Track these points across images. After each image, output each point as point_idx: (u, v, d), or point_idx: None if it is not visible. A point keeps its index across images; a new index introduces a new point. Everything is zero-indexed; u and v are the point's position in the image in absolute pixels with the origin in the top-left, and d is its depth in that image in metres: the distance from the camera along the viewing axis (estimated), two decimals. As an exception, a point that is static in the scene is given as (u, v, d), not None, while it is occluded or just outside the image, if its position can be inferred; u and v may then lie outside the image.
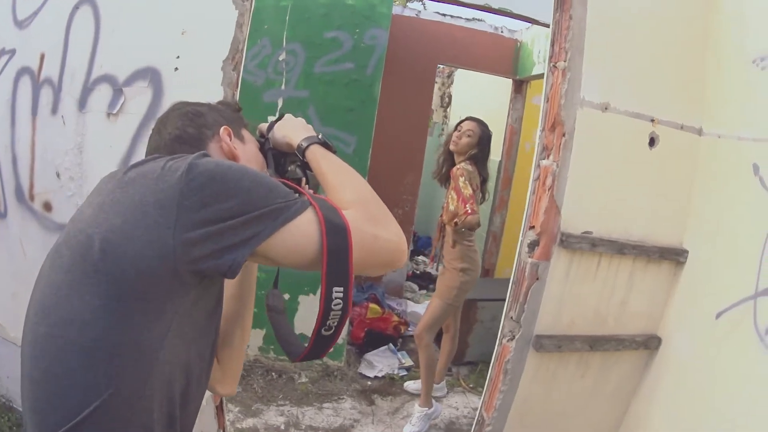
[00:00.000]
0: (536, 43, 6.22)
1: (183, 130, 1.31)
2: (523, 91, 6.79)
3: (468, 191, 3.94)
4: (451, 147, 4.23)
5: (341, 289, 1.07)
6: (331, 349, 1.23)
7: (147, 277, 1.01)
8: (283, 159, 1.48)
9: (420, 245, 8.87)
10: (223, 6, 2.51)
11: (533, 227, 2.68)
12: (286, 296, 4.62)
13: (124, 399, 1.04)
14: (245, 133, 1.45)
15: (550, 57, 2.69)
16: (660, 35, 2.78)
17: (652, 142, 2.79)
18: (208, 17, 2.54)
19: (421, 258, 8.56)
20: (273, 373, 4.66)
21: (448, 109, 10.00)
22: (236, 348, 1.54)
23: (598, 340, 2.85)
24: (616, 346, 2.90)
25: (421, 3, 6.94)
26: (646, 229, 2.86)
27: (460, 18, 6.47)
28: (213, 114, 1.38)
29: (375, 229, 1.12)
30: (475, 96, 8.43)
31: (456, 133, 4.22)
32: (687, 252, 2.91)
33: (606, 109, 2.67)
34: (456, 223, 4.00)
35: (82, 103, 2.62)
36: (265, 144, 1.49)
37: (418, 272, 7.96)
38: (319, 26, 4.42)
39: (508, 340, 2.76)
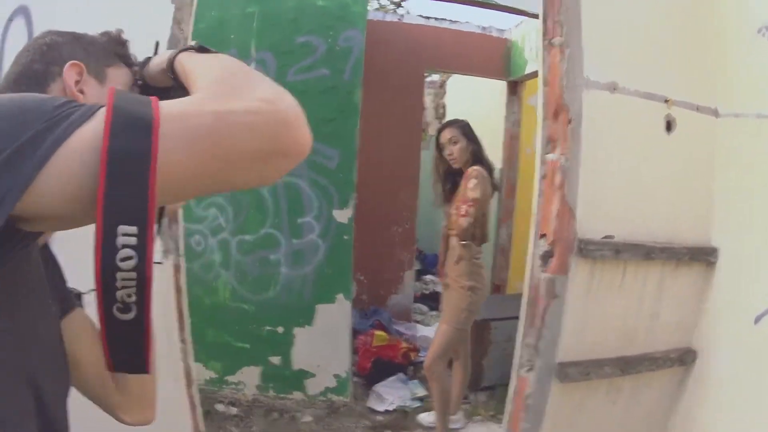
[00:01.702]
0: (527, 40, 5.97)
1: (29, 66, 1.03)
2: (519, 92, 6.51)
3: (474, 194, 3.67)
4: (455, 165, 3.91)
5: (132, 229, 0.61)
6: (151, 351, 0.74)
7: None
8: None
9: (428, 264, 8.48)
10: (159, 2, 2.22)
11: (544, 235, 2.32)
12: (279, 329, 4.30)
13: None
14: (113, 72, 1.11)
15: (544, 34, 2.36)
16: (663, 3, 2.48)
17: (668, 126, 2.46)
18: (145, 17, 2.22)
19: (429, 277, 8.19)
20: (274, 413, 4.29)
21: (443, 120, 9.66)
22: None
23: (630, 362, 2.49)
24: (650, 366, 2.54)
25: (402, 7, 6.60)
26: (672, 227, 2.53)
27: (445, 20, 6.19)
28: (72, 46, 1.07)
29: (222, 104, 0.69)
30: (469, 104, 8.14)
31: (445, 152, 3.92)
32: (717, 250, 2.57)
33: (614, 89, 2.34)
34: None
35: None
36: (142, 86, 1.16)
37: (427, 293, 7.63)
38: (289, 32, 4.11)
39: (526, 371, 2.37)
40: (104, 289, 0.63)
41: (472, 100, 8.08)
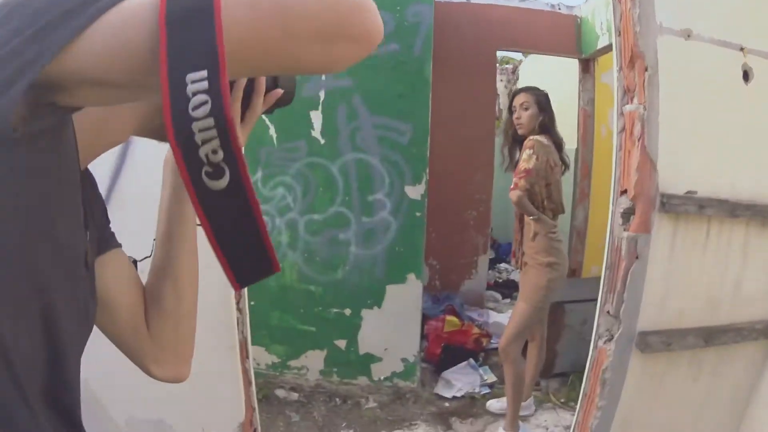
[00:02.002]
0: (597, 14, 5.81)
1: None
2: (591, 69, 6.29)
3: (527, 164, 3.53)
4: (520, 131, 3.80)
5: (202, 74, 0.55)
6: (267, 233, 0.63)
7: None
8: None
9: (501, 253, 8.41)
10: None
11: (625, 191, 2.18)
12: (347, 311, 4.22)
13: None
14: None
15: None
16: None
17: (746, 75, 2.28)
18: None
19: (503, 266, 8.11)
20: (337, 399, 4.24)
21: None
22: (169, 311, 1.06)
23: (714, 332, 2.30)
24: (734, 338, 2.35)
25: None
26: (756, 183, 2.33)
27: (513, -1, 6.08)
28: None
29: None
30: (542, 87, 7.94)
31: (514, 116, 3.82)
32: None
33: (689, 36, 2.18)
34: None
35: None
36: None
37: (500, 281, 7.52)
38: None
39: (605, 342, 2.23)
40: (184, 150, 0.56)
41: (545, 83, 7.89)
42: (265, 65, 0.67)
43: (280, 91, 1.00)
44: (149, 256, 0.98)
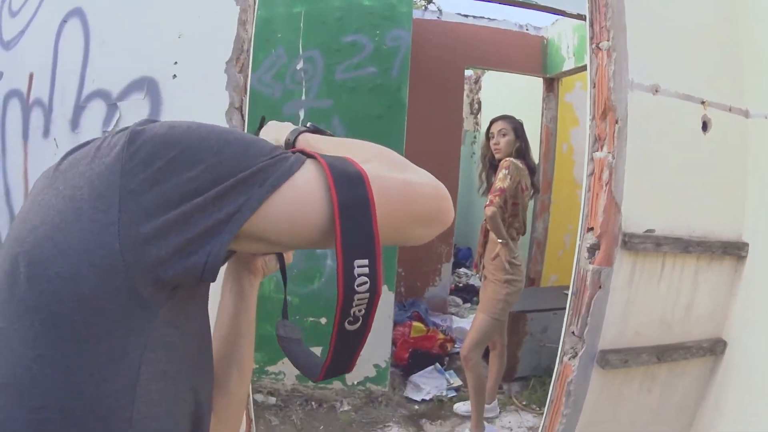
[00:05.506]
0: (563, 38, 6.05)
1: None
2: (555, 89, 6.54)
3: (502, 184, 3.76)
4: (497, 156, 4.02)
5: (365, 262, 0.76)
6: (359, 354, 0.88)
7: (91, 306, 0.69)
8: None
9: (461, 257, 8.66)
10: (223, 3, 2.25)
11: (592, 229, 2.42)
12: (322, 320, 4.39)
13: None
14: None
15: (591, 38, 2.45)
16: (700, 8, 2.57)
17: (704, 126, 2.55)
18: (207, 17, 2.26)
19: (462, 270, 8.36)
20: (313, 403, 4.40)
21: (478, 116, 9.72)
22: (234, 395, 1.21)
23: (666, 350, 2.57)
24: (684, 355, 2.62)
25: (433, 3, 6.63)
26: (708, 223, 2.61)
27: (483, 18, 6.28)
28: None
29: (403, 174, 0.84)
30: (504, 100, 8.16)
31: (492, 141, 4.03)
32: (747, 245, 2.65)
33: (656, 91, 2.43)
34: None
35: (74, 123, 2.33)
36: None
37: (461, 285, 7.76)
38: (336, 31, 4.20)
39: (570, 358, 2.48)
40: (343, 308, 0.78)
41: (508, 96, 8.08)
42: (388, 240, 0.83)
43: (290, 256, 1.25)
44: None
